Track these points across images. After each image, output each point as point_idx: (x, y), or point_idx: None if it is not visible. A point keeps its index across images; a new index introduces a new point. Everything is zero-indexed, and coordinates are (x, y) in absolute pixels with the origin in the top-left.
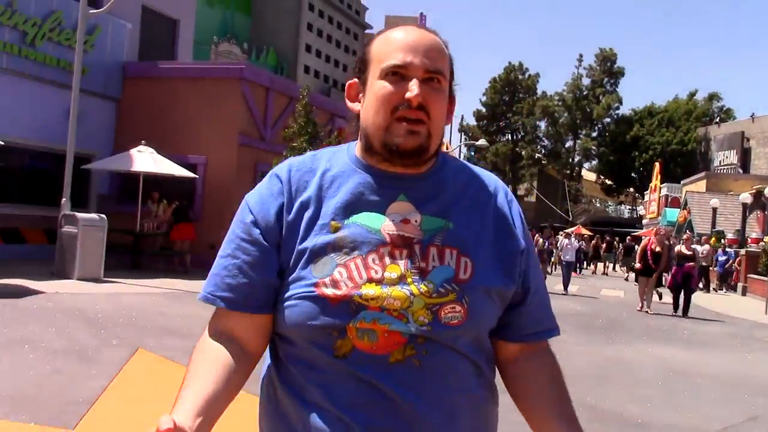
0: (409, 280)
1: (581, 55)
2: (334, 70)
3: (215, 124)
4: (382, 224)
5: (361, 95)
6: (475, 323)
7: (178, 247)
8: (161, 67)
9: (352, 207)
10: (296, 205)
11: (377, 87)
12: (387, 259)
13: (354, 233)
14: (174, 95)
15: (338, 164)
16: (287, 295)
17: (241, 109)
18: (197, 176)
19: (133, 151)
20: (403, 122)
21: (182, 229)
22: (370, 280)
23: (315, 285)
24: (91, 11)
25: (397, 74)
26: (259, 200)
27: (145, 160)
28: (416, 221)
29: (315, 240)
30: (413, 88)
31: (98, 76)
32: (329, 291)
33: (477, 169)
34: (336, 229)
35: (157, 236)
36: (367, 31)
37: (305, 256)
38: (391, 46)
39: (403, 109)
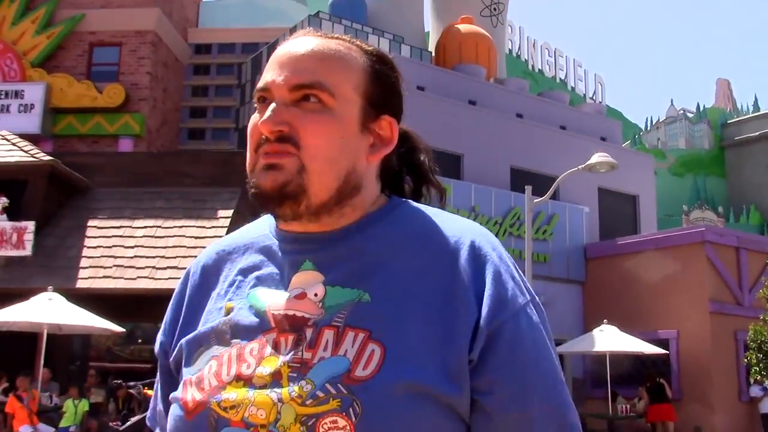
0: (284, 379)
1: None
2: None
3: (682, 293)
4: (269, 304)
5: None
6: None
7: (660, 431)
8: (620, 243)
9: (251, 283)
10: (199, 288)
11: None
12: (267, 350)
13: (240, 316)
14: (636, 269)
15: (256, 233)
16: None
17: (709, 274)
18: (668, 352)
19: (596, 332)
20: (261, 158)
21: (660, 410)
22: (238, 378)
23: (183, 385)
24: (536, 200)
25: (265, 100)
26: (169, 306)
27: (608, 339)
28: (316, 295)
29: (202, 326)
30: (264, 114)
31: (561, 261)
32: (189, 394)
33: (446, 216)
34: (228, 311)
35: (633, 419)
36: None
37: (187, 348)
38: (267, 66)
39: (263, 145)
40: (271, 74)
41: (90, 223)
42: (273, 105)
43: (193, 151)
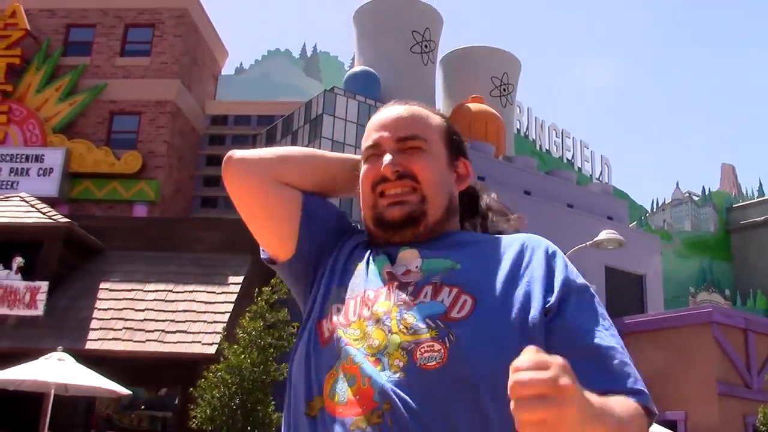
0: (393, 315)
1: None
2: None
3: (690, 374)
4: (384, 269)
5: None
6: (461, 367)
7: None
8: (627, 322)
9: (371, 252)
10: (349, 241)
11: (361, 173)
12: (381, 297)
13: (362, 274)
14: (643, 349)
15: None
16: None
17: (717, 356)
18: None
19: None
20: (384, 197)
21: None
22: (360, 317)
23: (318, 322)
24: None
25: (373, 155)
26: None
27: None
28: (416, 267)
29: (333, 277)
30: (384, 161)
31: None
32: (324, 328)
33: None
34: (356, 270)
35: None
36: None
37: (322, 290)
38: (367, 131)
39: (382, 185)
40: (377, 134)
41: (102, 285)
42: (388, 155)
43: (206, 219)
